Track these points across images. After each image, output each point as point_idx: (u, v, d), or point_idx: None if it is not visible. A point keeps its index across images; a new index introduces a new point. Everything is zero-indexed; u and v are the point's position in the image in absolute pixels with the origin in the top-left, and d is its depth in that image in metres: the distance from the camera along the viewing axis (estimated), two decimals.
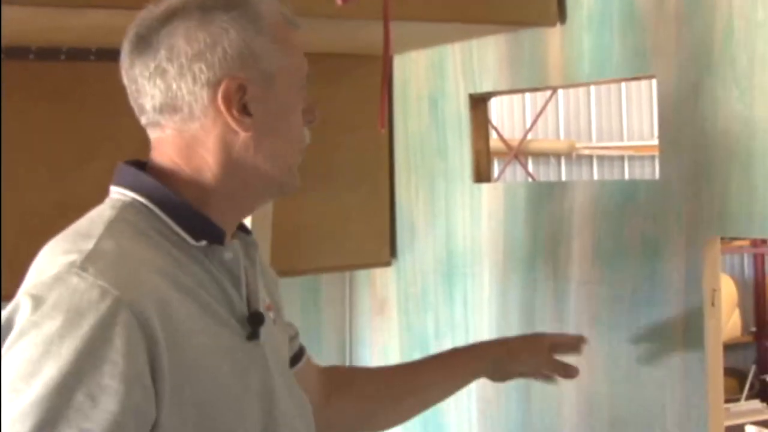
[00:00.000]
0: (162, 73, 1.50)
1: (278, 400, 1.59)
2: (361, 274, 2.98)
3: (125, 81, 1.57)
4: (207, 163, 1.53)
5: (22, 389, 1.30)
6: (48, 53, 2.30)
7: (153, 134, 1.57)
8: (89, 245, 1.42)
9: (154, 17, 1.53)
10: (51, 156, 2.25)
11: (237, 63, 1.51)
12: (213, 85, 1.50)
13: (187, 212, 1.51)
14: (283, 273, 2.45)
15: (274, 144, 1.57)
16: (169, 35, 1.51)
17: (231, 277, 1.55)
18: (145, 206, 1.51)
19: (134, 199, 1.52)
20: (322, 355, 2.99)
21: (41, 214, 2.14)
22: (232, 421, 1.50)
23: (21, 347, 1.33)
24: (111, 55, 2.35)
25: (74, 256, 1.40)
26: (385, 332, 2.81)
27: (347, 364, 3.06)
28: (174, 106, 1.51)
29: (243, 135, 1.52)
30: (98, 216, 1.51)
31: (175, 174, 1.53)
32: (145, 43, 1.52)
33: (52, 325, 1.33)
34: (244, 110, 1.51)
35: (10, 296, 1.41)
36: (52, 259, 1.42)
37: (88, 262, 1.39)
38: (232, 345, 1.53)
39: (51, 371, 1.31)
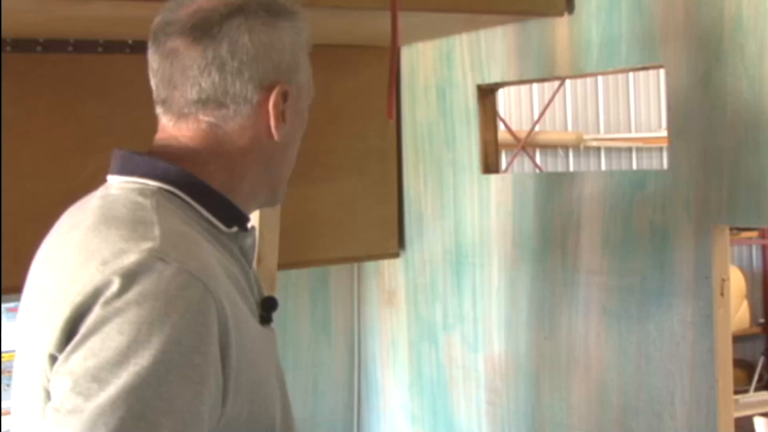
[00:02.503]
0: (221, 65, 1.48)
1: (286, 382, 1.61)
2: (370, 265, 2.98)
3: (158, 64, 1.51)
4: (235, 159, 1.52)
5: (108, 379, 1.25)
6: (55, 45, 2.30)
7: (178, 127, 1.52)
8: (155, 231, 1.37)
9: (214, 9, 1.49)
10: (55, 146, 2.25)
11: (285, 70, 1.52)
12: (266, 88, 1.50)
13: (217, 199, 1.50)
14: (292, 264, 2.47)
15: (291, 153, 1.59)
16: (233, 30, 1.48)
17: (248, 264, 1.55)
18: (173, 194, 1.47)
19: (160, 188, 1.46)
20: (331, 345, 3.01)
21: (45, 204, 2.14)
22: (270, 405, 1.50)
23: (104, 335, 1.28)
24: (118, 47, 2.38)
25: (148, 242, 1.35)
26: (394, 323, 2.81)
27: (356, 355, 3.06)
28: (221, 101, 1.49)
29: (275, 140, 1.52)
30: (137, 204, 1.44)
31: (201, 164, 1.50)
32: (202, 32, 1.48)
33: (140, 312, 1.28)
34: (283, 117, 1.52)
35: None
36: (115, 246, 1.35)
37: (166, 246, 1.35)
38: (258, 330, 1.52)
39: (141, 360, 1.26)
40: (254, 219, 2.10)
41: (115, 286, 1.30)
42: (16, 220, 2.11)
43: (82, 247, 1.38)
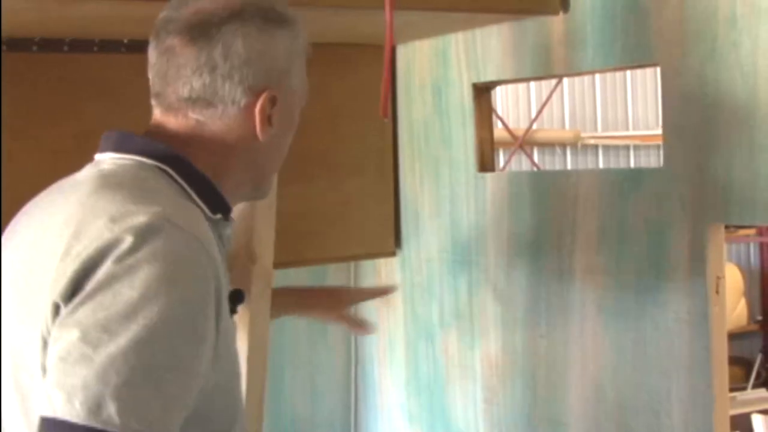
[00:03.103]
0: (213, 67, 1.54)
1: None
2: (367, 264, 2.99)
3: (156, 59, 1.58)
4: (220, 155, 1.58)
5: (118, 330, 1.30)
6: (51, 45, 2.30)
7: (168, 119, 1.58)
8: (161, 197, 1.45)
9: (213, 11, 1.56)
10: (52, 146, 2.25)
11: (277, 76, 1.59)
12: (255, 92, 1.57)
13: (206, 185, 1.56)
14: (288, 263, 2.47)
15: (277, 153, 1.67)
16: (228, 35, 1.55)
17: (224, 253, 1.63)
18: (168, 174, 1.53)
19: (156, 165, 1.53)
20: (328, 344, 3.01)
21: None
22: (239, 385, 1.60)
23: (115, 289, 1.33)
24: (114, 46, 2.38)
25: (156, 206, 1.41)
26: (391, 322, 2.81)
27: (353, 354, 3.06)
28: (209, 101, 1.56)
29: (260, 142, 1.59)
30: (139, 175, 1.52)
31: (190, 152, 1.57)
32: (199, 33, 1.55)
33: (150, 270, 1.34)
34: (269, 121, 1.59)
35: None
36: (123, 207, 1.41)
37: (174, 211, 1.42)
38: (233, 319, 1.61)
39: (150, 314, 1.32)
40: (250, 217, 2.10)
41: (126, 243, 1.35)
42: (7, 219, 2.11)
43: (87, 206, 1.43)
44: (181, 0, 1.58)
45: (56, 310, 1.36)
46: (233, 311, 1.61)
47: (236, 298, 1.63)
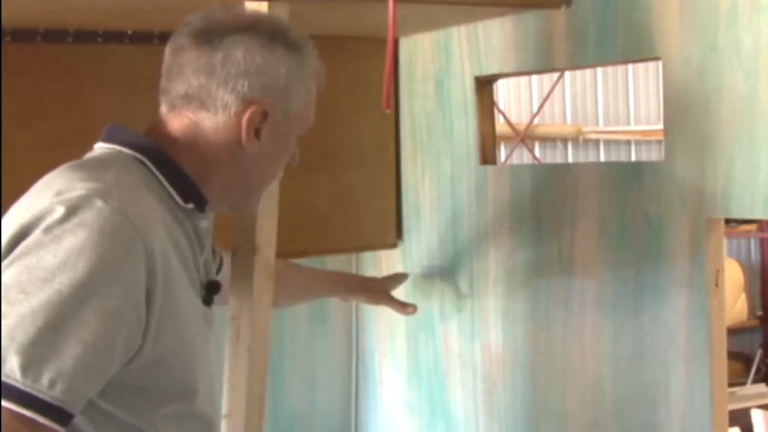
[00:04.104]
0: (210, 71, 1.65)
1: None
2: (368, 256, 2.99)
3: (168, 56, 1.69)
4: (207, 156, 1.68)
5: (34, 292, 1.41)
6: (55, 35, 2.31)
7: (169, 116, 1.70)
8: (108, 177, 1.54)
9: (224, 21, 1.67)
10: (55, 136, 2.26)
11: (273, 93, 1.68)
12: (246, 102, 1.66)
13: (180, 176, 1.66)
14: (289, 255, 2.48)
15: (265, 171, 1.76)
16: (231, 44, 1.65)
17: (199, 245, 1.72)
18: (143, 163, 1.64)
19: (133, 155, 1.64)
20: (328, 336, 3.02)
21: None
22: (192, 369, 1.65)
23: (39, 255, 1.43)
24: (117, 37, 2.38)
25: (98, 184, 1.51)
26: (392, 314, 2.81)
27: (355, 346, 3.07)
28: (203, 102, 1.66)
29: (245, 153, 1.69)
30: (107, 158, 1.64)
31: (178, 150, 1.67)
32: (206, 38, 1.65)
33: (74, 240, 1.44)
34: (257, 134, 1.68)
35: None
36: (70, 184, 1.51)
37: (112, 191, 1.50)
38: (197, 304, 1.70)
39: (65, 280, 1.42)
40: None
41: (57, 214, 1.46)
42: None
43: (47, 183, 1.56)
44: (209, 11, 1.69)
45: None
46: (208, 300, 1.74)
47: (212, 287, 1.76)
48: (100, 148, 1.69)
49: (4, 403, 1.38)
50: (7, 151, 2.20)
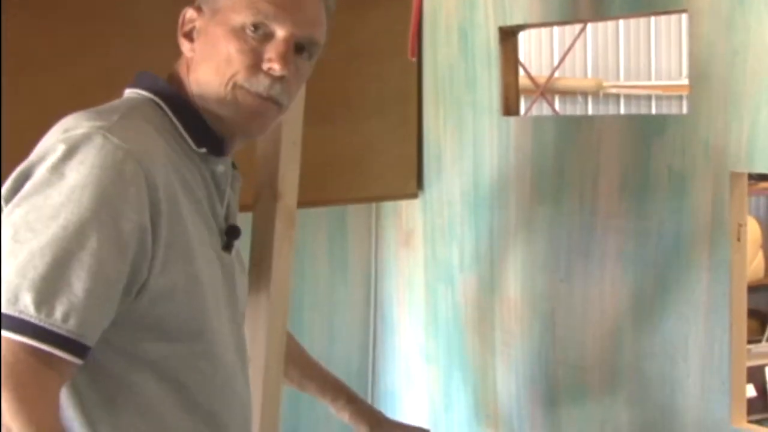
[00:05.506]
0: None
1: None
2: (388, 206, 3.00)
3: None
4: (190, 81, 1.71)
5: (41, 230, 1.45)
6: None
7: (183, 58, 1.75)
8: (114, 117, 1.57)
9: None
10: (80, 80, 2.25)
11: None
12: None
13: (195, 119, 1.69)
14: (310, 203, 2.48)
15: (205, 74, 1.70)
16: None
17: (218, 191, 1.73)
18: (160, 106, 1.68)
19: (151, 99, 1.69)
20: (348, 284, 3.03)
21: None
22: (203, 308, 1.65)
23: (46, 193, 1.47)
24: None
25: (103, 122, 1.54)
26: (411, 264, 2.83)
27: (372, 294, 3.08)
28: (189, 34, 1.73)
29: (192, 63, 1.71)
30: (126, 101, 1.69)
31: (189, 91, 1.71)
32: None
33: (77, 176, 1.48)
34: (188, 36, 1.72)
35: None
36: (78, 123, 1.55)
37: (115, 129, 1.54)
38: (212, 247, 1.70)
39: (70, 216, 1.46)
40: (274, 155, 2.11)
41: (59, 152, 1.50)
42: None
43: (59, 123, 1.60)
44: None
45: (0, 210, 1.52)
46: (228, 246, 1.75)
47: (231, 232, 1.76)
48: (127, 93, 1.73)
49: (21, 338, 1.41)
50: (32, 94, 2.20)
